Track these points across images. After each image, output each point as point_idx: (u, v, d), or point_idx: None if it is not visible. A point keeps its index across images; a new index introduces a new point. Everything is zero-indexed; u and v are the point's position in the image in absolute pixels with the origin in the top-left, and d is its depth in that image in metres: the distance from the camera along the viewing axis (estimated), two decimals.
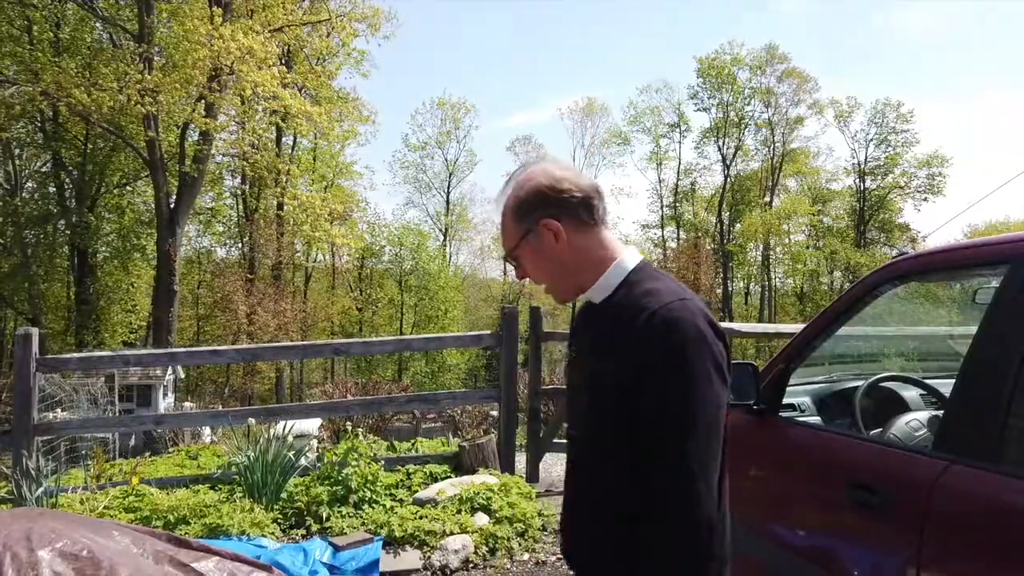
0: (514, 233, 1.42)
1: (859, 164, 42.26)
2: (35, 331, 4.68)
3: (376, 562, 3.82)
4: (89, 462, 5.37)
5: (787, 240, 44.01)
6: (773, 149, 42.74)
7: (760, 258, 44.24)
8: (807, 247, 43.02)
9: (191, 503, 4.21)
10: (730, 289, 43.52)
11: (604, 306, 1.39)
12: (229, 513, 4.11)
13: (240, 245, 35.29)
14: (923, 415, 2.27)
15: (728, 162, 43.02)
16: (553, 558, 4.24)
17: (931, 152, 40.40)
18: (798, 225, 43.43)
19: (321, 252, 38.28)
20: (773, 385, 2.40)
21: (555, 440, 5.78)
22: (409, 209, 44.22)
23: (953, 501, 1.65)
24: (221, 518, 4.05)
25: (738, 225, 43.41)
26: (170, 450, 8.76)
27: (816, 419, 2.57)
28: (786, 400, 2.54)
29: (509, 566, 4.08)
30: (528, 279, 1.49)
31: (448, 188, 44.13)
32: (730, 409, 2.50)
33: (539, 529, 4.54)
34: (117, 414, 13.73)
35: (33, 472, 4.14)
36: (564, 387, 6.42)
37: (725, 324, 6.38)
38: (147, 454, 8.65)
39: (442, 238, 43.83)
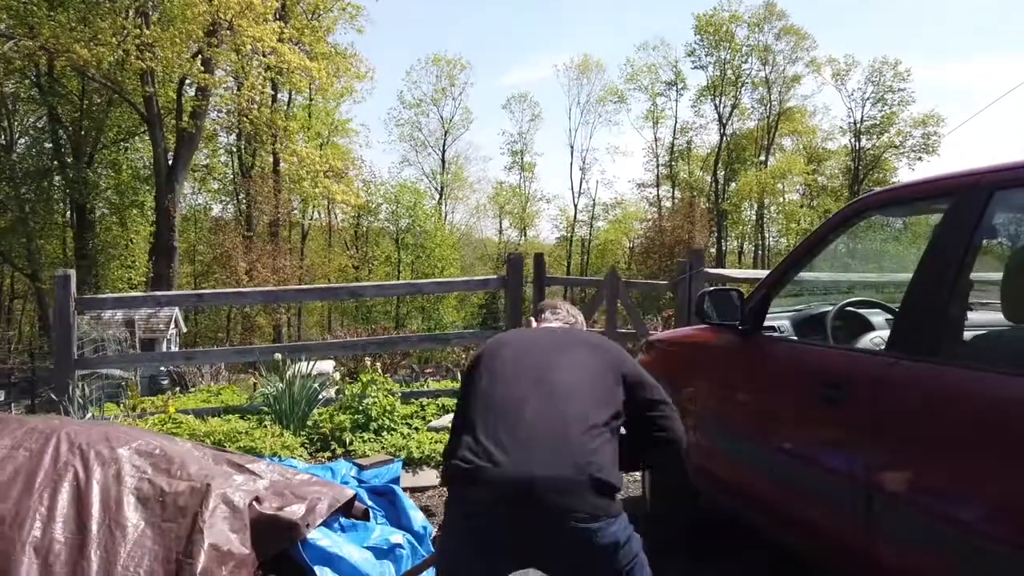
0: None
1: (855, 123, 42.34)
2: (72, 273, 5.01)
3: (397, 479, 4.21)
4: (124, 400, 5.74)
5: (781, 199, 44.30)
6: (769, 108, 42.75)
7: (754, 217, 44.55)
8: (801, 206, 43.30)
9: (225, 429, 4.60)
10: (724, 248, 43.90)
11: None
12: (261, 437, 4.50)
13: (237, 202, 35.37)
14: (885, 333, 2.63)
15: (724, 121, 43.04)
16: None
17: (927, 111, 40.51)
18: (792, 184, 43.67)
19: (318, 210, 38.43)
20: (756, 308, 2.77)
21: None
22: (405, 167, 44.20)
23: (898, 389, 2.01)
24: (254, 442, 4.44)
25: (733, 184, 43.61)
26: (190, 390, 9.14)
27: (795, 339, 2.94)
28: (767, 324, 2.91)
29: None
30: None
31: (444, 146, 44.12)
32: (718, 329, 2.91)
33: None
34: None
35: (80, 400, 4.50)
36: None
37: (723, 272, 6.74)
38: (176, 389, 9.04)
39: (438, 196, 43.95)
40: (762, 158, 43.22)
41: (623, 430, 1.97)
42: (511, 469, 1.66)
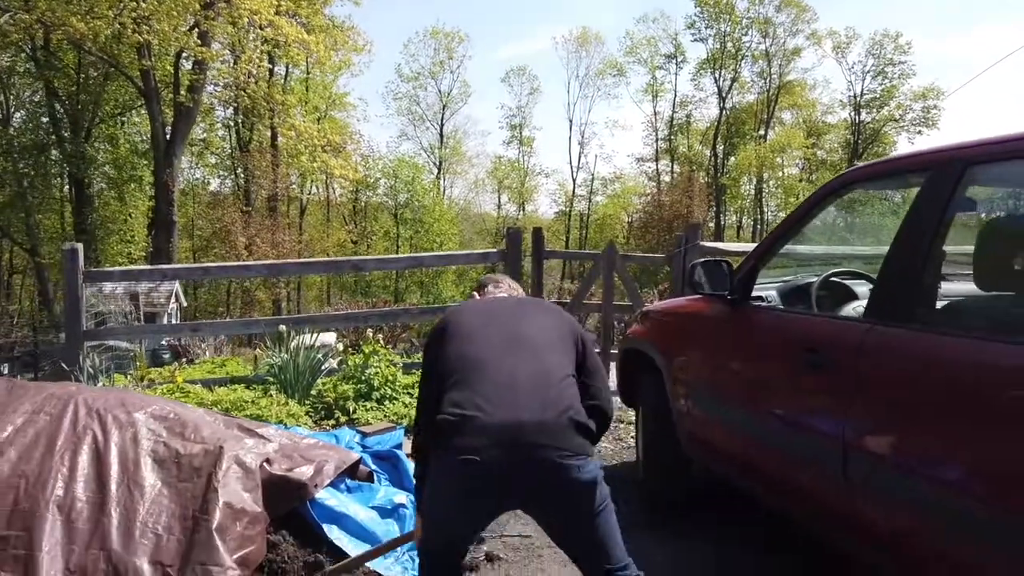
0: None
1: (855, 96, 42.12)
2: (79, 246, 5.11)
3: (400, 444, 4.35)
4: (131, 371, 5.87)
5: (780, 174, 44.23)
6: (769, 81, 42.50)
7: (753, 192, 44.51)
8: (800, 181, 43.22)
9: (232, 398, 4.74)
10: (723, 222, 43.90)
11: None
12: (267, 406, 4.64)
13: (235, 176, 35.30)
14: (867, 302, 2.74)
15: (724, 94, 42.82)
16: None
17: (927, 85, 40.32)
18: (792, 159, 43.58)
19: (316, 184, 38.36)
20: (744, 278, 2.88)
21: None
22: (403, 142, 44.02)
23: (874, 354, 2.13)
24: (260, 410, 4.57)
25: (732, 159, 43.50)
26: (195, 362, 9.30)
27: (782, 308, 3.05)
28: (756, 294, 3.02)
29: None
30: None
31: (442, 120, 43.92)
32: (709, 299, 3.03)
33: None
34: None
35: (90, 370, 4.63)
36: (561, 301, 6.91)
37: (718, 245, 6.83)
38: (182, 360, 9.20)
39: (436, 171, 43.84)
40: (761, 132, 43.08)
41: None
42: (500, 416, 1.83)
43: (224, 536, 2.53)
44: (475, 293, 2.66)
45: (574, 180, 45.43)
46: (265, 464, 2.89)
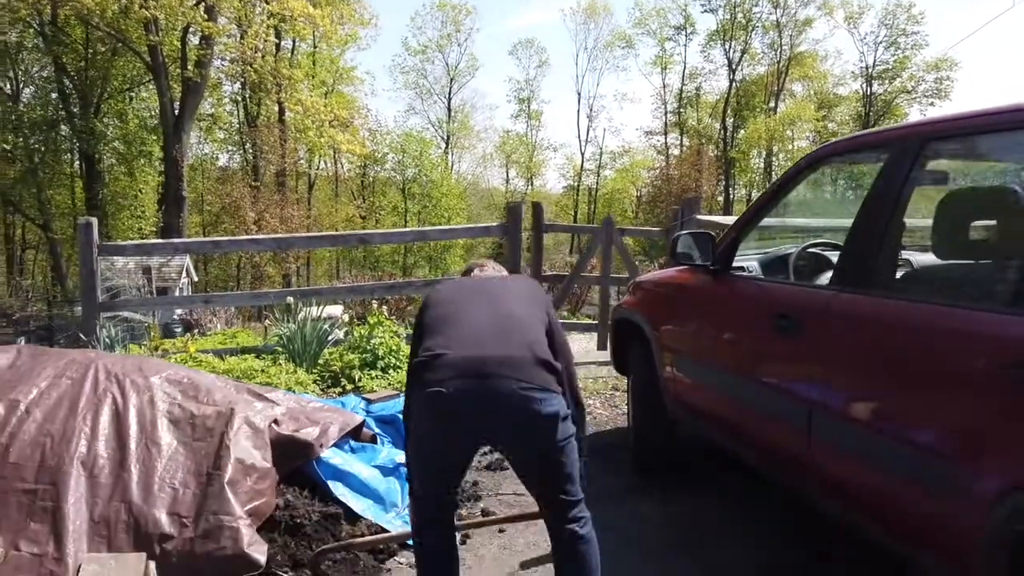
0: None
1: (867, 68, 41.65)
2: (94, 220, 5.28)
3: (401, 412, 4.55)
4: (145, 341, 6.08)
5: (791, 146, 43.90)
6: (780, 52, 42.03)
7: (763, 165, 44.26)
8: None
9: (242, 367, 4.93)
10: (732, 196, 43.74)
11: None
12: (276, 374, 4.83)
13: (243, 151, 35.41)
14: (833, 270, 2.89)
15: (734, 66, 42.41)
16: None
17: (940, 55, 39.79)
18: (802, 131, 43.21)
19: (324, 159, 38.43)
20: (726, 250, 3.03)
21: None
22: (411, 116, 43.95)
23: (836, 318, 2.28)
24: (270, 378, 4.77)
25: (742, 131, 43.20)
26: (207, 334, 9.53)
27: (760, 277, 3.20)
28: (738, 264, 3.17)
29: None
30: None
31: (449, 94, 43.78)
32: (693, 269, 3.19)
33: None
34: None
35: (107, 340, 4.84)
36: (563, 273, 7.06)
37: (713, 218, 6.95)
38: (194, 331, 9.45)
39: (444, 145, 43.80)
40: (772, 104, 42.70)
41: None
42: (465, 352, 2.01)
43: (236, 489, 2.73)
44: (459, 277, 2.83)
45: (582, 154, 45.35)
46: (273, 425, 3.08)
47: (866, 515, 2.19)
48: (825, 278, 2.88)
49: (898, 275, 2.32)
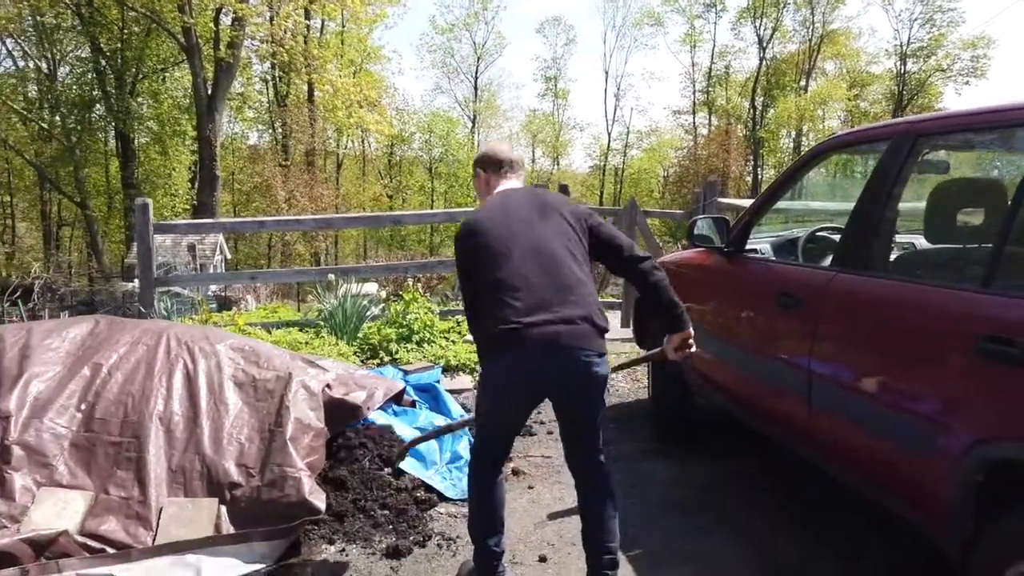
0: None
1: (901, 45, 40.89)
2: (150, 201, 5.65)
3: (438, 380, 4.88)
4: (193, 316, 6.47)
5: (821, 126, 43.38)
6: (812, 30, 41.41)
7: (792, 145, 43.81)
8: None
9: (288, 339, 5.29)
10: (760, 176, 43.42)
11: None
12: (320, 346, 5.18)
13: (273, 131, 35.90)
14: (833, 252, 3.12)
15: (764, 44, 41.89)
16: None
17: (977, 33, 38.95)
18: (833, 111, 42.66)
19: (352, 139, 38.83)
20: (739, 233, 3.28)
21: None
22: (437, 95, 44.34)
23: (834, 297, 2.54)
24: (314, 350, 5.12)
25: (771, 111, 42.75)
26: (244, 310, 9.99)
27: (772, 259, 3.45)
28: (752, 246, 3.43)
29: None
30: None
31: (476, 73, 43.82)
32: (710, 251, 3.44)
33: None
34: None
35: (164, 312, 5.21)
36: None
37: (734, 201, 7.13)
38: (241, 305, 9.88)
39: (471, 125, 43.95)
40: (802, 83, 42.16)
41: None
42: (542, 328, 2.25)
43: (296, 445, 3.06)
44: (483, 173, 2.70)
45: (609, 134, 45.25)
46: (326, 388, 3.41)
47: (859, 473, 2.46)
48: (829, 260, 3.14)
49: (892, 257, 2.56)
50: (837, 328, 2.53)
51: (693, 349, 2.56)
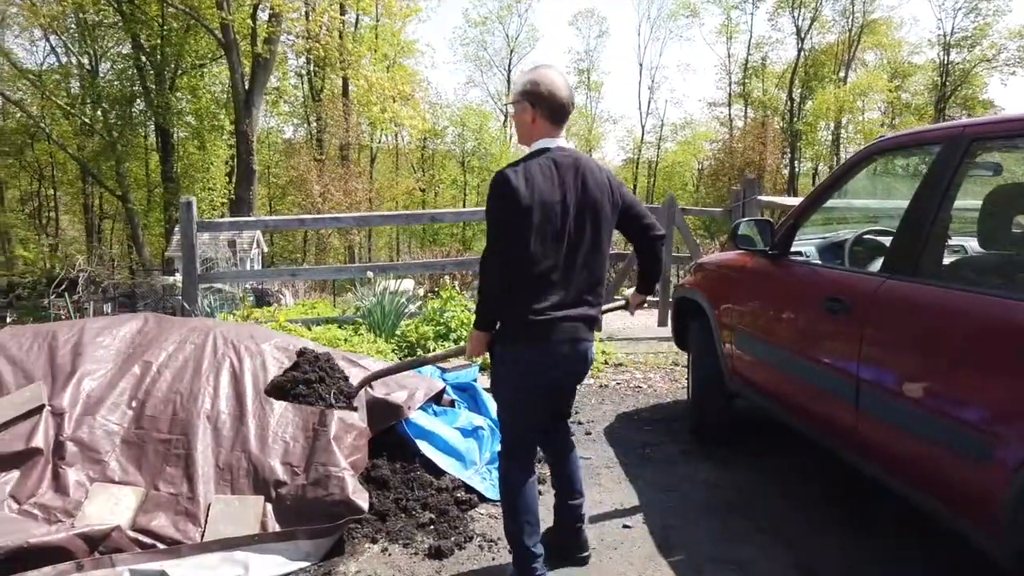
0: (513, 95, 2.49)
1: (944, 35, 39.85)
2: (193, 199, 5.75)
3: (475, 379, 4.90)
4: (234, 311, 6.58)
5: (861, 118, 42.51)
6: (852, 20, 40.55)
7: (831, 137, 43.02)
8: (882, 125, 41.47)
9: (328, 336, 5.36)
10: (797, 169, 42.73)
11: None
12: (358, 343, 5.24)
13: (308, 125, 36.27)
14: (884, 257, 3.06)
15: (802, 35, 41.13)
16: (613, 382, 5.28)
17: None
18: (873, 102, 41.78)
19: (385, 133, 39.07)
20: (784, 236, 3.24)
21: (615, 297, 6.72)
22: (470, 89, 44.46)
23: (884, 303, 2.49)
24: (352, 347, 5.18)
25: (809, 102, 41.99)
26: (284, 306, 10.12)
27: (817, 262, 3.40)
28: (796, 249, 3.38)
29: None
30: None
31: (509, 66, 43.80)
32: (753, 253, 3.40)
33: (603, 363, 5.58)
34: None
35: (207, 309, 5.31)
36: (623, 252, 7.28)
37: (774, 199, 7.05)
38: (282, 300, 10.04)
39: (503, 118, 43.91)
40: (842, 74, 41.33)
41: None
42: (568, 320, 2.37)
43: (339, 444, 3.11)
44: (532, 110, 2.41)
45: (643, 126, 44.93)
46: (368, 388, 3.45)
47: (907, 480, 2.42)
48: (877, 264, 3.08)
49: (944, 263, 2.51)
50: (887, 334, 2.48)
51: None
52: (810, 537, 2.98)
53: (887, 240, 3.25)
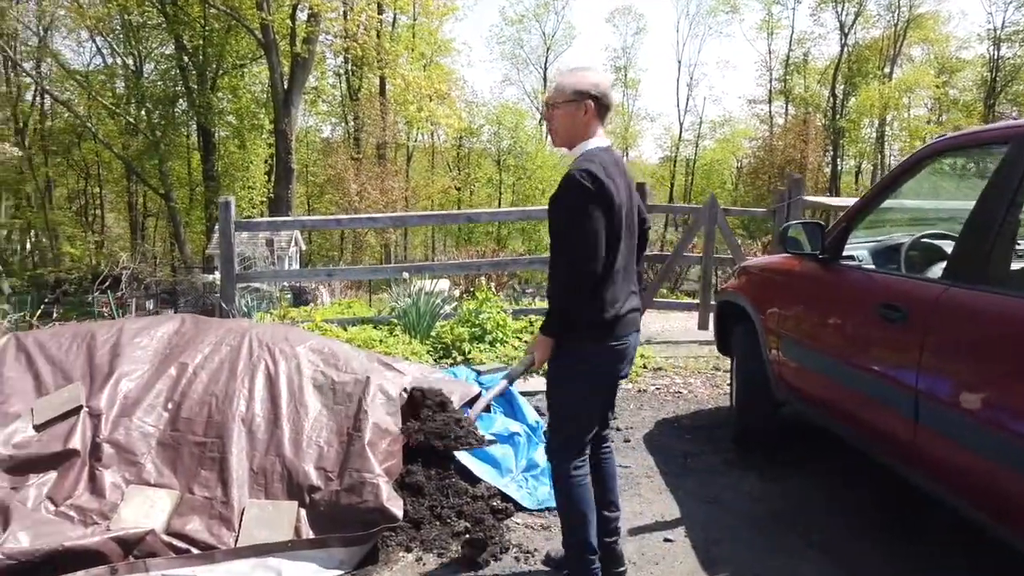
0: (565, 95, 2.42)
1: (995, 29, 38.61)
2: (232, 199, 5.78)
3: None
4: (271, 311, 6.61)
5: (906, 115, 41.43)
6: (898, 14, 39.52)
7: (874, 135, 42.01)
8: (928, 122, 40.37)
9: (363, 337, 5.33)
10: (839, 167, 41.81)
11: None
12: (393, 344, 5.20)
13: (345, 124, 36.58)
14: (946, 263, 2.91)
15: (846, 30, 40.21)
16: (652, 387, 5.16)
17: None
18: (919, 99, 40.70)
19: (421, 132, 39.24)
20: (835, 239, 3.10)
21: (655, 299, 6.59)
22: (506, 87, 44.46)
23: (947, 312, 2.35)
24: (388, 348, 5.14)
25: (852, 99, 41.05)
26: (321, 304, 10.21)
27: (871, 267, 3.25)
28: (848, 253, 3.23)
29: None
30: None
31: (545, 64, 43.69)
32: (802, 257, 3.27)
33: (641, 367, 5.46)
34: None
35: (245, 308, 5.32)
36: (663, 254, 7.14)
37: (821, 199, 6.84)
38: (319, 300, 10.12)
39: (539, 116, 43.78)
40: (886, 70, 40.32)
41: None
42: (632, 315, 2.46)
43: (374, 450, 3.05)
44: (591, 106, 2.42)
45: (681, 124, 44.44)
46: (403, 393, 3.39)
47: (970, 499, 2.28)
48: (937, 269, 2.92)
49: (1013, 270, 2.36)
50: (950, 344, 2.34)
51: None
52: (861, 554, 2.85)
53: (947, 244, 3.09)
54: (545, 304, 2.76)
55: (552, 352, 2.39)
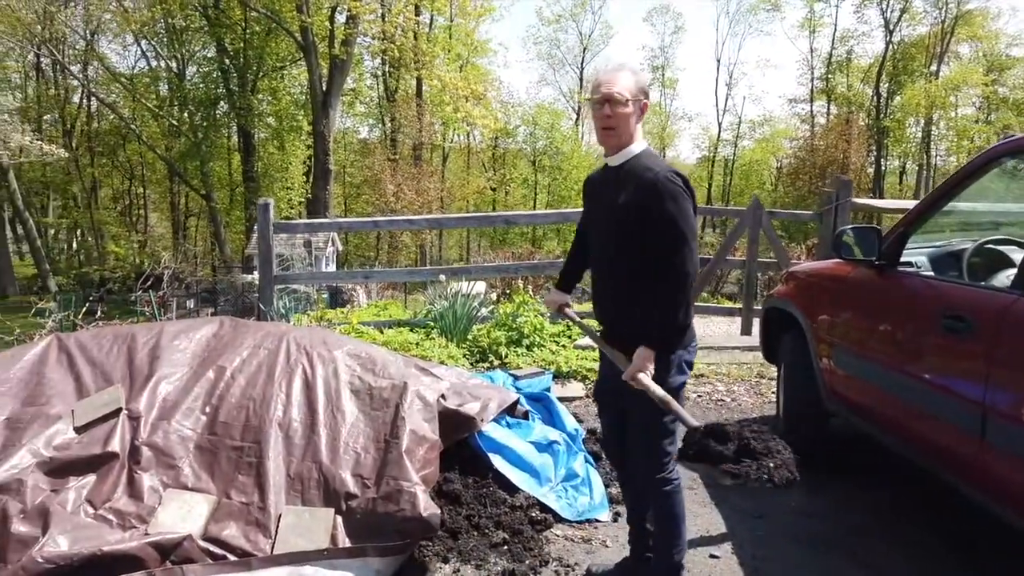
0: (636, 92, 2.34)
1: None
2: (271, 201, 5.80)
3: (548, 388, 4.74)
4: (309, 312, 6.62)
5: (953, 114, 40.31)
6: (945, 11, 38.41)
7: (920, 134, 40.95)
8: (976, 121, 39.24)
9: (400, 340, 5.29)
10: (883, 168, 40.84)
11: (618, 168, 2.42)
12: (430, 348, 5.16)
13: (382, 125, 36.84)
14: (1016, 273, 2.75)
15: (891, 27, 39.25)
16: (694, 395, 5.03)
17: None
18: (967, 97, 39.55)
19: (457, 132, 39.34)
20: (893, 245, 2.95)
21: (696, 303, 6.45)
22: (542, 87, 44.45)
23: (1019, 321, 2.21)
24: (424, 351, 5.10)
25: (897, 98, 40.06)
26: (354, 307, 10.24)
27: (930, 274, 3.10)
28: (905, 259, 3.08)
29: None
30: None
31: (582, 64, 43.47)
32: (856, 263, 3.13)
33: None
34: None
35: (283, 311, 5.33)
36: (706, 257, 6.99)
37: (870, 202, 6.64)
38: (355, 301, 10.16)
39: (575, 116, 43.60)
40: (933, 68, 39.27)
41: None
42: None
43: (411, 457, 2.99)
44: (646, 105, 2.47)
45: (719, 123, 43.85)
46: (440, 399, 3.33)
47: None
48: (1003, 276, 2.77)
49: None
50: (1020, 359, 2.20)
51: None
52: None
53: (1014, 251, 2.93)
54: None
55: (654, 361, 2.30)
